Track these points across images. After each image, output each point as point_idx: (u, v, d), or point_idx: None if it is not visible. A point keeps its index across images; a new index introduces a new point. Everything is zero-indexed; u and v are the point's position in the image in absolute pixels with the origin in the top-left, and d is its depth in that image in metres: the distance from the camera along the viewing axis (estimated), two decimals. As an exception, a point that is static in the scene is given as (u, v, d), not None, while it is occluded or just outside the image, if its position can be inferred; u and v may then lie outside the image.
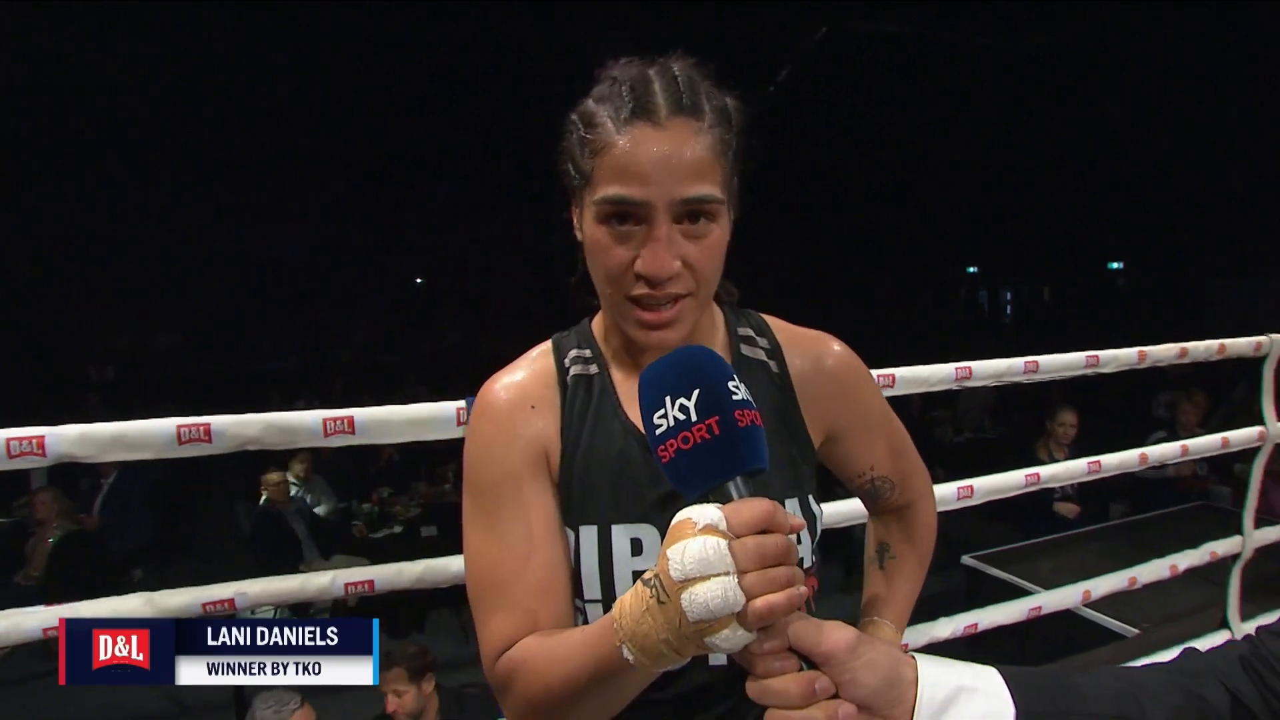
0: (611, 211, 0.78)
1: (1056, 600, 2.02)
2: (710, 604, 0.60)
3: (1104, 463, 1.94)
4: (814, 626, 0.62)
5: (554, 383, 0.91)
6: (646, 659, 0.65)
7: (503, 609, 0.83)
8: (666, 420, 0.67)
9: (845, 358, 0.99)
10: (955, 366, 1.65)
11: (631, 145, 0.77)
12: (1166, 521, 4.18)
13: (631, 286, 0.80)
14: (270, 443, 1.30)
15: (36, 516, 5.02)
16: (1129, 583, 2.09)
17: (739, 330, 0.96)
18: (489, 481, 0.87)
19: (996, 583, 3.46)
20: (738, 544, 0.61)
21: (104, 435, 1.24)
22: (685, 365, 0.69)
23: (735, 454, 0.65)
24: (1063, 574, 3.30)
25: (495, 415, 0.89)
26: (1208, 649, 0.70)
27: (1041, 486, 1.86)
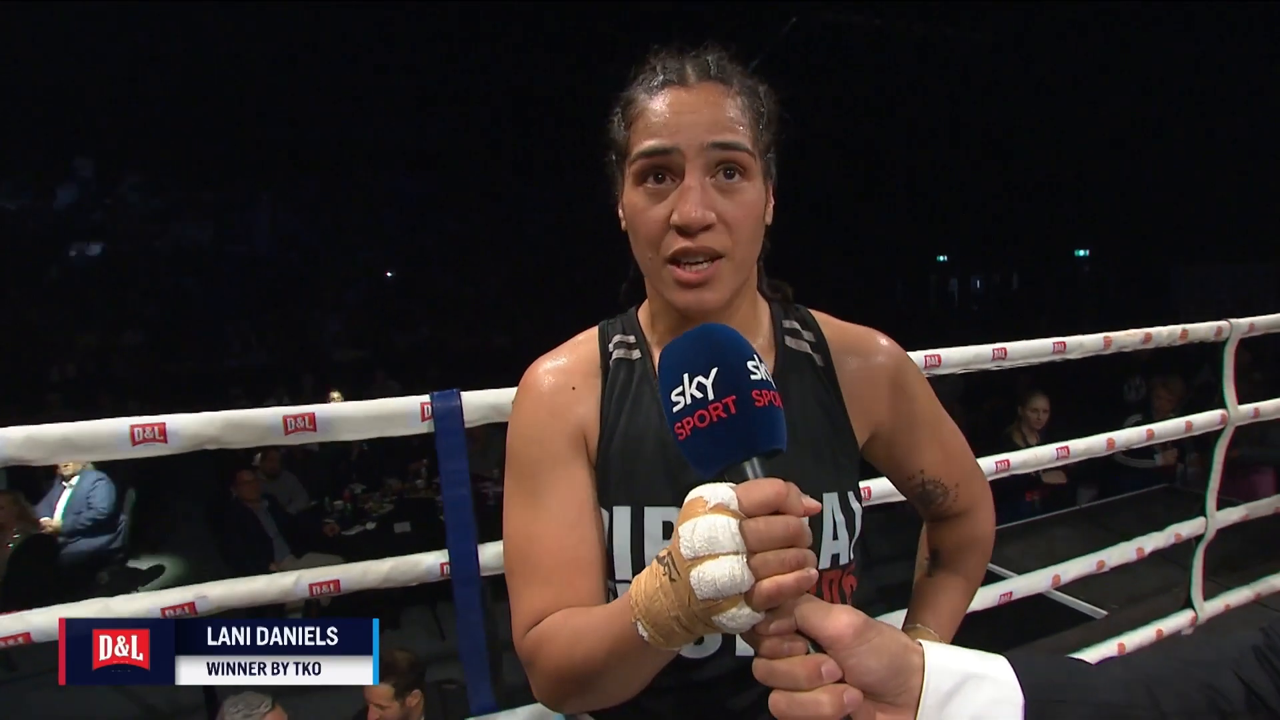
0: (645, 167, 0.81)
1: (1027, 585, 2.05)
2: (718, 582, 0.60)
3: (1072, 448, 1.96)
4: (821, 609, 0.62)
5: (596, 366, 0.93)
6: (660, 636, 0.65)
7: (535, 583, 0.84)
8: (684, 398, 0.67)
9: (895, 354, 0.98)
10: (924, 354, 1.65)
11: (661, 103, 0.81)
12: (1132, 505, 4.26)
13: (669, 245, 0.81)
14: (230, 441, 1.27)
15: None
16: (1097, 566, 2.12)
17: (784, 323, 0.96)
18: (529, 460, 0.89)
19: (967, 569, 3.50)
20: (748, 524, 0.61)
21: (52, 437, 1.20)
22: (704, 343, 0.69)
23: (751, 433, 0.65)
24: (1032, 558, 3.35)
25: (538, 396, 0.91)
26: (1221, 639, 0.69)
27: (1011, 473, 1.87)
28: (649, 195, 0.81)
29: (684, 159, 0.79)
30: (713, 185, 0.80)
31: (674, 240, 0.80)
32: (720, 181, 0.80)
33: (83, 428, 1.22)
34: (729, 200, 0.80)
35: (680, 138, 0.79)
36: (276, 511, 5.17)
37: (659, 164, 0.80)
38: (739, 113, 0.82)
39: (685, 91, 0.81)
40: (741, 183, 0.81)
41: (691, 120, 0.79)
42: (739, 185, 0.81)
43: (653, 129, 0.80)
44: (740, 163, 0.80)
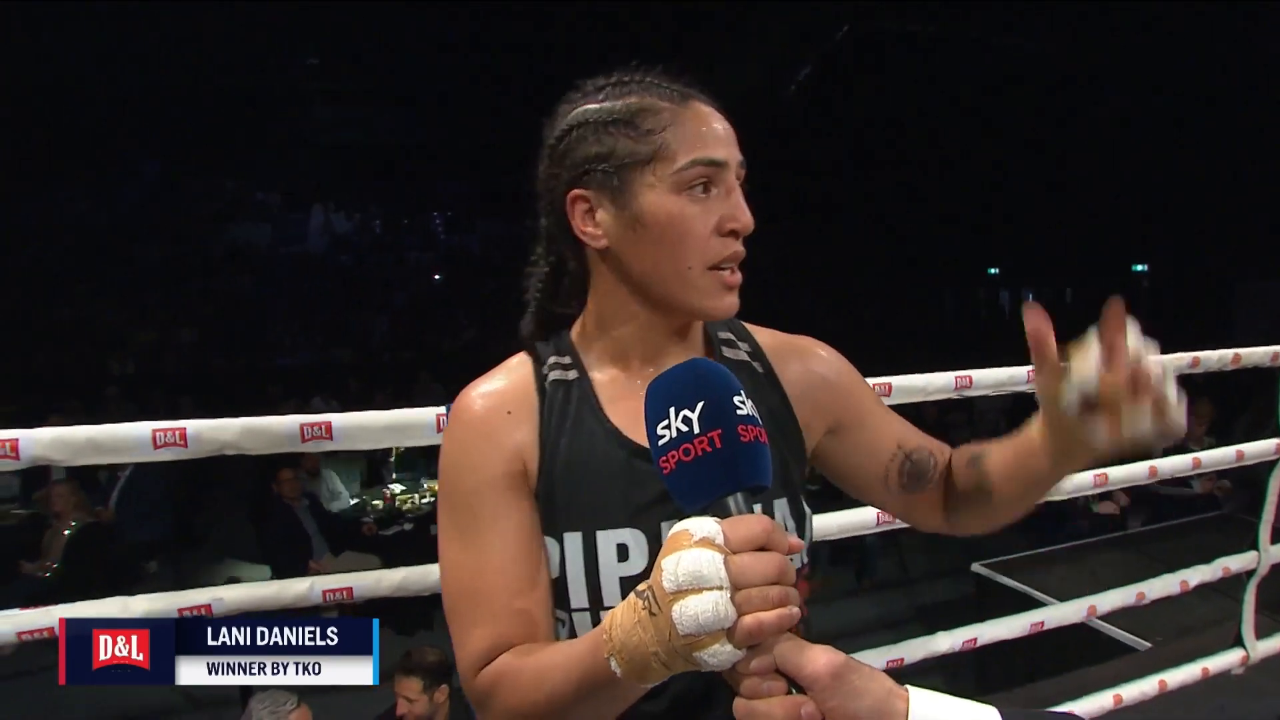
0: (698, 175, 0.81)
1: (1060, 615, 1.97)
2: (700, 617, 0.59)
3: (1110, 475, 1.88)
4: (800, 649, 0.60)
5: (532, 389, 0.90)
6: (634, 672, 0.64)
7: (482, 621, 0.81)
8: (669, 431, 0.67)
9: (830, 353, 1.00)
10: (955, 375, 1.60)
11: (700, 114, 0.84)
12: (1184, 532, 4.10)
13: (715, 252, 0.83)
14: (247, 448, 1.29)
15: (54, 509, 5.08)
16: (1137, 598, 2.04)
17: (719, 334, 0.96)
18: (464, 490, 0.86)
19: (1006, 591, 3.41)
20: (733, 559, 0.60)
21: (77, 439, 1.23)
22: (691, 377, 0.69)
23: (736, 469, 0.65)
24: (1074, 584, 3.24)
25: (471, 422, 0.88)
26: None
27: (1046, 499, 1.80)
28: (697, 203, 0.82)
29: (729, 171, 0.83)
30: None
31: (726, 245, 0.83)
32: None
33: (107, 430, 1.25)
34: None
35: (728, 152, 0.83)
36: (316, 510, 5.27)
37: (711, 174, 0.82)
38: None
39: (710, 106, 0.85)
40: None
41: (728, 135, 0.84)
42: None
43: (704, 139, 0.82)
44: (744, 181, 0.86)
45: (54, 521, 5.06)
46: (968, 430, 7.48)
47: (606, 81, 0.87)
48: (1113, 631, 3.00)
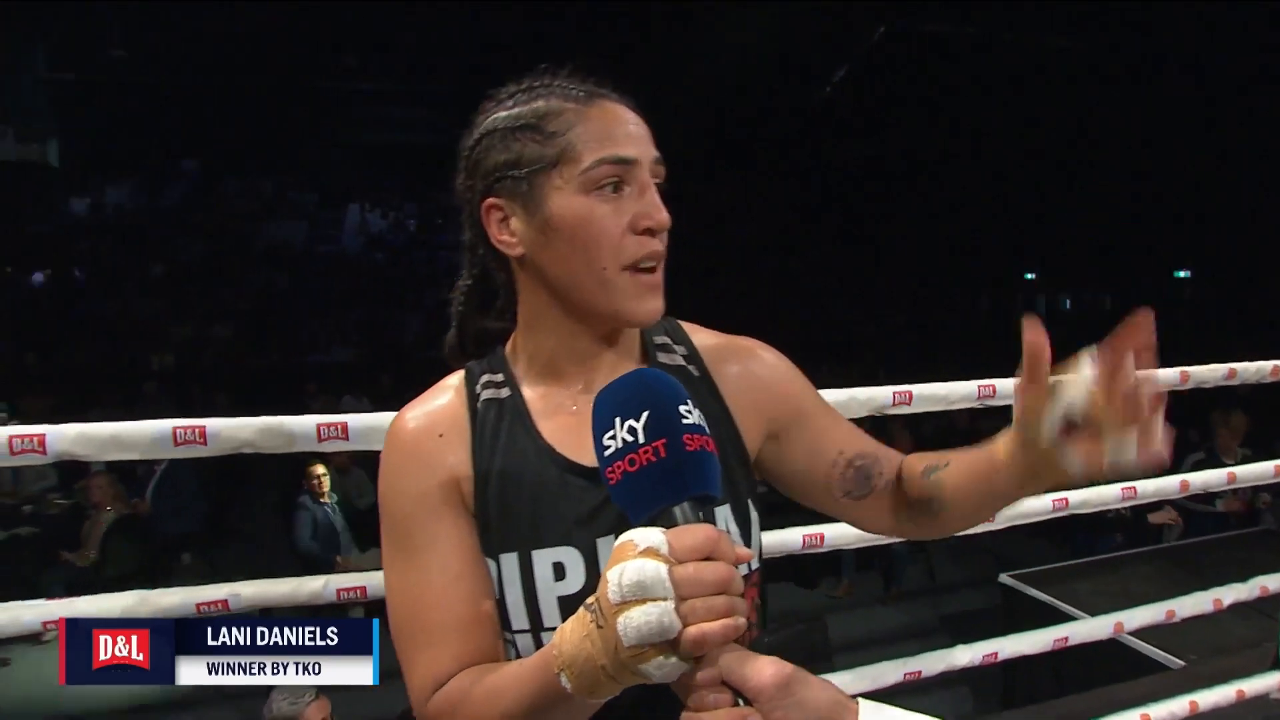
0: (607, 175, 0.79)
1: (1086, 631, 1.92)
2: (644, 628, 0.58)
3: (1140, 488, 1.83)
4: (746, 660, 0.60)
5: (464, 410, 0.88)
6: (585, 687, 0.63)
7: (431, 645, 0.80)
8: (615, 442, 0.66)
9: (773, 356, 0.96)
10: (978, 384, 1.57)
11: (607, 112, 0.81)
12: (1223, 547, 3.97)
13: (631, 252, 0.80)
14: (264, 446, 1.31)
15: (92, 500, 5.21)
16: (1166, 615, 1.98)
17: (654, 339, 0.93)
18: (401, 515, 0.84)
19: (1034, 604, 3.34)
20: (678, 569, 0.60)
21: (101, 435, 1.26)
22: (637, 387, 0.68)
23: (681, 478, 0.64)
24: (1105, 598, 3.17)
25: (403, 446, 0.87)
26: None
27: (1070, 512, 1.76)
28: (607, 202, 0.79)
29: (641, 169, 0.80)
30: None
31: (642, 244, 0.80)
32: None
33: (129, 427, 1.27)
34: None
35: (638, 148, 0.80)
36: (345, 506, 5.33)
37: (621, 173, 0.79)
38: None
39: (619, 104, 0.83)
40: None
41: (638, 133, 0.81)
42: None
43: (613, 137, 0.80)
44: (662, 178, 0.83)
45: (92, 512, 5.19)
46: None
47: (517, 87, 0.85)
48: (1144, 648, 2.92)
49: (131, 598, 1.34)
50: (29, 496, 6.00)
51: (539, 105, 0.82)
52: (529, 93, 0.84)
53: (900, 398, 1.51)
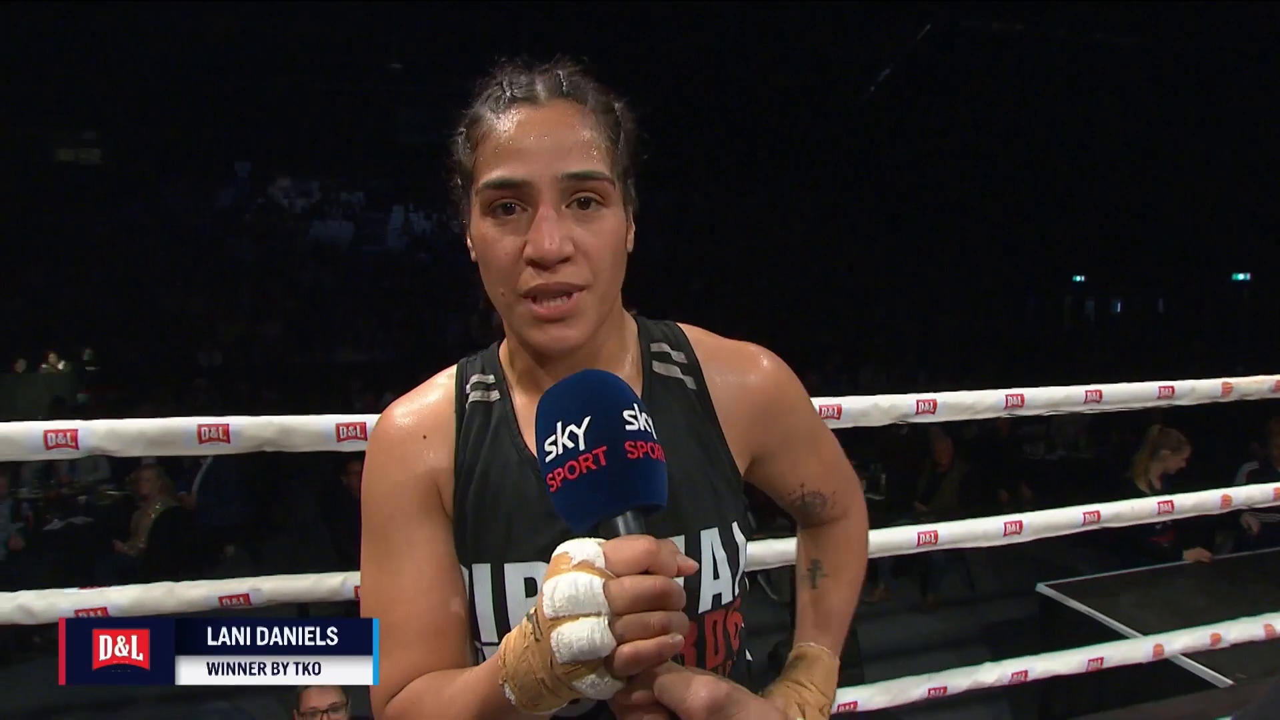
0: (495, 198, 0.74)
1: (1122, 654, 1.86)
2: (575, 645, 0.57)
3: (1177, 503, 1.76)
4: (681, 681, 0.58)
5: (451, 410, 0.86)
6: (527, 700, 0.62)
7: (396, 649, 0.79)
8: (556, 448, 0.64)
9: (773, 373, 0.91)
10: (1005, 394, 1.53)
11: (511, 126, 0.75)
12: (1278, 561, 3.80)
13: (525, 280, 0.74)
14: (286, 445, 1.33)
15: (141, 491, 5.37)
16: (1211, 640, 1.90)
17: (652, 346, 0.89)
18: (380, 516, 0.83)
19: (1074, 615, 3.23)
20: (614, 584, 0.58)
21: (130, 431, 1.30)
22: (580, 390, 0.66)
23: (621, 487, 0.62)
24: (1148, 611, 3.06)
25: (386, 446, 0.85)
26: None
27: (1101, 526, 1.70)
28: (499, 227, 0.75)
29: (536, 191, 0.73)
30: (569, 214, 0.74)
31: (530, 276, 0.74)
32: (577, 212, 0.75)
33: (157, 424, 1.31)
34: (587, 230, 0.75)
35: (533, 168, 0.73)
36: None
37: (510, 196, 0.74)
38: (594, 134, 0.76)
39: (535, 111, 0.75)
40: (600, 210, 0.76)
41: (543, 146, 0.73)
42: (597, 213, 0.75)
43: (501, 156, 0.74)
44: (599, 191, 0.75)
45: (141, 503, 5.36)
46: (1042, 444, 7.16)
47: (492, 77, 0.80)
48: (1190, 665, 2.80)
49: (160, 589, 1.37)
50: (84, 487, 6.23)
51: (474, 109, 0.79)
52: (486, 88, 0.79)
53: (924, 406, 1.48)
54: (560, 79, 0.77)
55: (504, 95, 0.77)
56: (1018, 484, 6.18)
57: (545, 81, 0.77)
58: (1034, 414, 1.56)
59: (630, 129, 0.82)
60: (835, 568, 1.03)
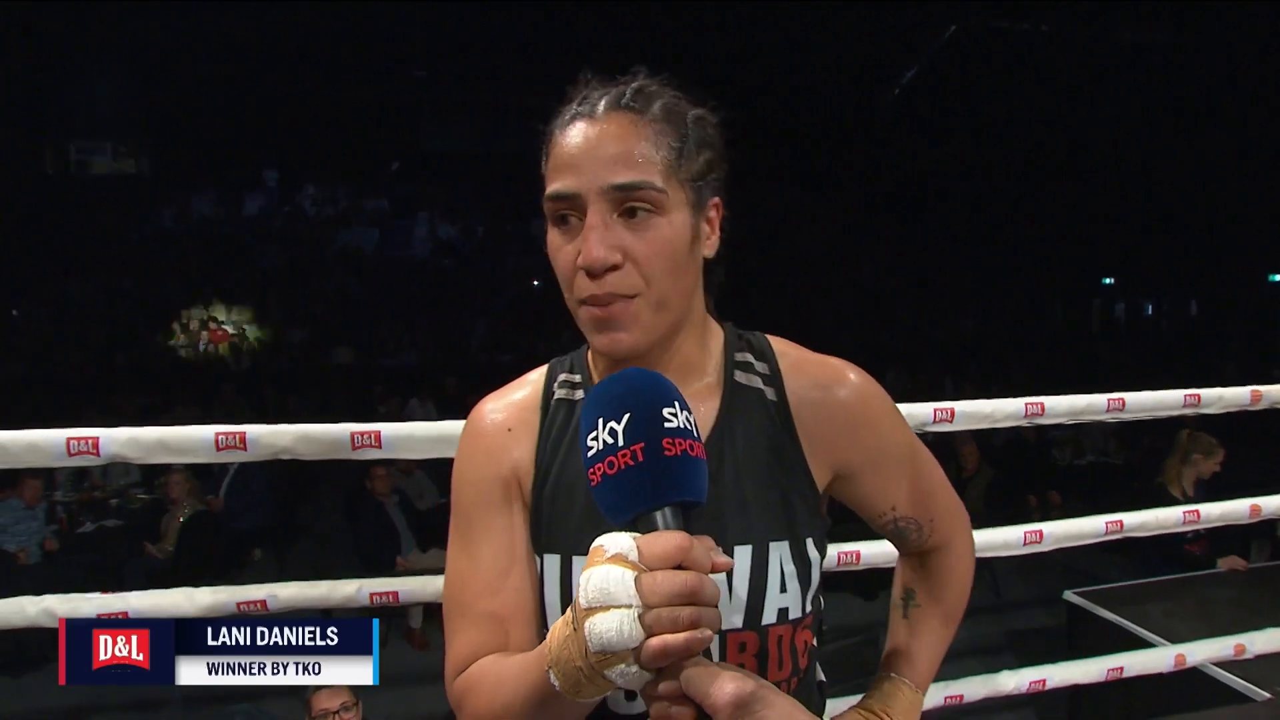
0: (554, 210, 0.79)
1: (1143, 663, 1.82)
2: (605, 636, 0.59)
3: (1204, 513, 1.72)
4: (708, 675, 0.59)
5: (537, 406, 0.90)
6: (569, 686, 0.64)
7: (468, 627, 0.84)
8: (597, 443, 0.66)
9: (861, 388, 0.90)
10: (1025, 402, 1.50)
11: (568, 140, 0.79)
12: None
13: (581, 288, 0.78)
14: (301, 453, 1.35)
15: (170, 495, 5.47)
16: (1235, 651, 1.85)
17: (736, 355, 0.90)
18: (465, 502, 0.88)
19: (1101, 624, 3.17)
20: (646, 577, 0.60)
21: (150, 439, 1.32)
22: (621, 388, 0.68)
23: (658, 483, 0.64)
24: (1178, 621, 3.00)
25: (474, 437, 0.90)
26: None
27: (1124, 535, 1.67)
28: (562, 236, 0.80)
29: (585, 202, 0.76)
30: (620, 223, 0.77)
31: (584, 283, 0.78)
32: (627, 220, 0.77)
33: (175, 432, 1.33)
34: (637, 238, 0.77)
35: (581, 180, 0.76)
36: (406, 506, 5.46)
37: (565, 208, 0.78)
38: (649, 144, 0.77)
39: (590, 125, 0.78)
40: (652, 219, 0.77)
41: (593, 159, 0.76)
42: (649, 222, 0.77)
43: (559, 170, 0.78)
44: (648, 200, 0.76)
45: (170, 507, 5.45)
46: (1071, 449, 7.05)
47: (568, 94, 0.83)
48: (1225, 677, 2.73)
49: (179, 594, 1.39)
50: (116, 490, 6.35)
51: (551, 125, 0.82)
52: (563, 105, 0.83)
53: (941, 415, 1.46)
54: (625, 92, 0.80)
55: (571, 111, 0.80)
56: (1046, 489, 6.09)
57: (609, 96, 0.80)
58: (1055, 421, 1.54)
59: (706, 135, 0.83)
60: (929, 599, 1.03)
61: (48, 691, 4.30)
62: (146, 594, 1.41)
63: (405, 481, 5.78)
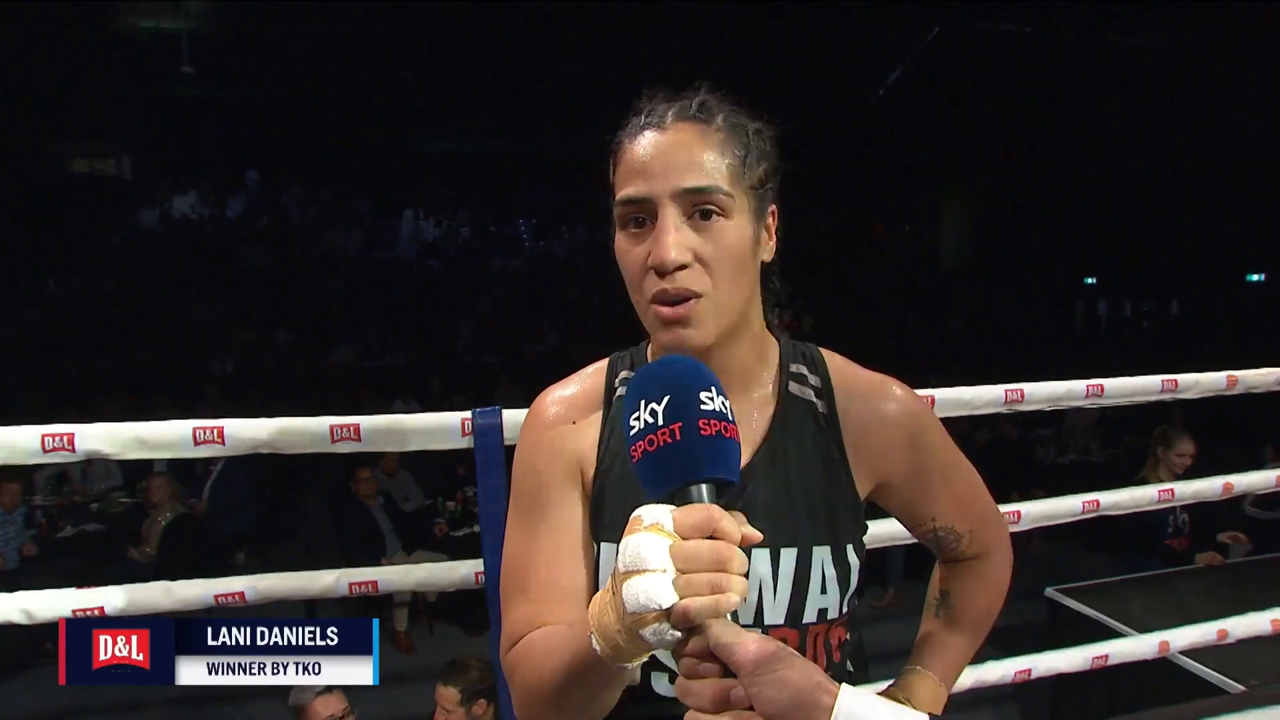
0: (625, 214, 0.84)
1: (1127, 650, 1.83)
2: (639, 597, 0.63)
3: (1178, 491, 1.74)
4: (731, 633, 0.64)
5: (600, 400, 0.96)
6: (609, 650, 0.68)
7: (523, 603, 0.89)
8: (639, 423, 0.71)
9: (907, 404, 0.96)
10: (1005, 389, 1.52)
11: (638, 148, 0.84)
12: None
13: (650, 286, 0.83)
14: (280, 447, 1.34)
15: (152, 499, 5.41)
16: (1218, 635, 1.87)
17: (791, 366, 0.96)
18: (528, 488, 0.93)
19: (1081, 619, 3.20)
20: (677, 545, 0.65)
21: (126, 434, 1.31)
22: (662, 372, 0.73)
23: (693, 460, 0.68)
24: (1158, 615, 3.03)
25: (539, 426, 0.95)
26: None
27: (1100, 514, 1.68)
28: (631, 239, 0.84)
29: (657, 205, 0.81)
30: (689, 226, 0.82)
31: (653, 282, 0.82)
32: (697, 223, 0.82)
33: (152, 427, 1.32)
34: (706, 240, 0.82)
35: (654, 185, 0.81)
36: (391, 509, 5.43)
37: (636, 211, 0.83)
38: (716, 153, 0.82)
39: (660, 134, 0.83)
40: (720, 222, 0.82)
41: (664, 165, 0.81)
42: (717, 225, 0.82)
43: (630, 176, 0.83)
44: (716, 204, 0.82)
45: (152, 510, 5.39)
46: (1054, 447, 7.11)
47: (634, 106, 0.89)
48: (1202, 670, 2.76)
49: (157, 589, 1.38)
50: (96, 494, 6.28)
51: (618, 135, 0.88)
52: (629, 117, 0.88)
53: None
54: (691, 103, 0.86)
55: (639, 122, 0.86)
56: (1029, 487, 6.13)
57: (675, 106, 0.85)
58: (1035, 409, 1.55)
59: (764, 146, 0.89)
60: (964, 604, 1.07)
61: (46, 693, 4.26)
62: (123, 589, 1.39)
63: (390, 483, 5.76)
